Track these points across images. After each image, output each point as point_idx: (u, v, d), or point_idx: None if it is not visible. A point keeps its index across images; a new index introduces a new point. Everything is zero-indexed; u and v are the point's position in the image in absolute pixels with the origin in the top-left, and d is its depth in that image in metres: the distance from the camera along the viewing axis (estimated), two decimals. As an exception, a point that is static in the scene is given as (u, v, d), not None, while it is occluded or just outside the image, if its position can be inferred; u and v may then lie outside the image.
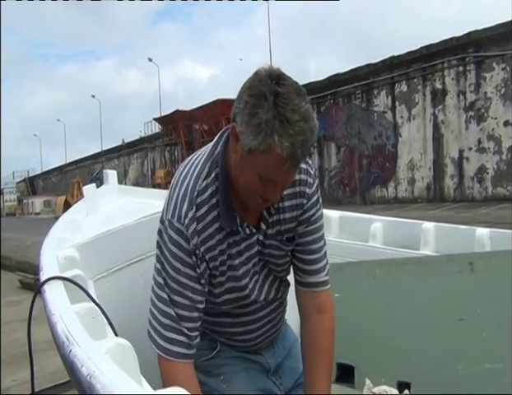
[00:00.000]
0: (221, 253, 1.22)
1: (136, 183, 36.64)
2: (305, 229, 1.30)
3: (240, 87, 1.09)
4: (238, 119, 1.07)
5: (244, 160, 1.09)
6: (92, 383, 0.82)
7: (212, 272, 1.23)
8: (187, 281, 1.19)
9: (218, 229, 1.20)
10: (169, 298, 1.20)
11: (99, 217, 2.42)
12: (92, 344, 0.98)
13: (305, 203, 1.28)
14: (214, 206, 1.19)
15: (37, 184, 66.12)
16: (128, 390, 0.77)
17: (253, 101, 1.03)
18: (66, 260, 1.61)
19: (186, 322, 1.20)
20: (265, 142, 1.02)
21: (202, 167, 1.21)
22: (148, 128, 39.95)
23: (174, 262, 1.18)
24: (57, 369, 2.89)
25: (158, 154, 36.80)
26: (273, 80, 1.04)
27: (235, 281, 1.26)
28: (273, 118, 1.01)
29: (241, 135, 1.06)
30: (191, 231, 1.16)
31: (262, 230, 1.25)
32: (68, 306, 1.21)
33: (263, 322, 1.37)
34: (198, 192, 1.18)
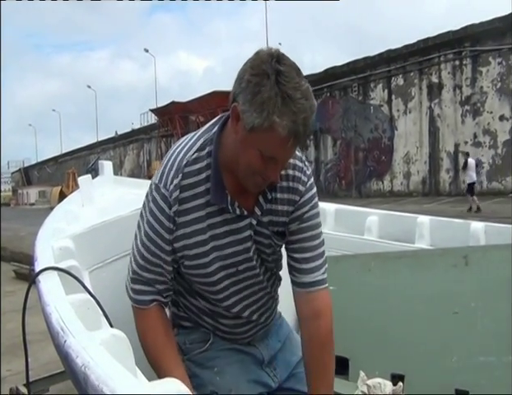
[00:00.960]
0: (203, 232, 1.22)
1: (132, 174, 36.55)
2: (298, 226, 1.29)
3: (240, 69, 1.10)
4: (240, 99, 1.08)
5: (245, 139, 1.10)
6: (87, 374, 0.81)
7: (193, 250, 1.23)
8: (160, 242, 1.22)
9: (204, 204, 1.20)
10: (142, 253, 1.25)
11: (94, 208, 2.41)
12: (87, 335, 0.98)
13: (298, 200, 1.27)
14: (203, 181, 1.19)
15: (32, 174, 65.87)
16: (122, 381, 0.77)
17: (256, 80, 1.04)
18: (61, 251, 1.60)
19: (155, 275, 1.26)
20: (268, 120, 1.04)
21: (195, 141, 1.23)
22: (144, 119, 39.82)
23: (153, 222, 1.22)
24: (52, 359, 2.89)
25: (154, 145, 36.69)
26: (274, 59, 1.06)
27: (223, 259, 1.25)
28: (276, 96, 1.03)
29: (243, 114, 1.07)
30: (173, 197, 1.18)
31: (256, 214, 1.24)
32: (63, 297, 1.21)
33: (255, 316, 1.37)
34: (188, 162, 1.19)
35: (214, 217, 1.21)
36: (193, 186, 1.19)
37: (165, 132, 33.91)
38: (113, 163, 3.08)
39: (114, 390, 0.73)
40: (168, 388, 0.79)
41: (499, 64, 16.71)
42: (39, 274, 1.35)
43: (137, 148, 40.04)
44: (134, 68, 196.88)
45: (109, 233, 1.93)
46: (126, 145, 41.60)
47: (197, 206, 1.20)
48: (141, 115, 40.52)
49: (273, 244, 1.30)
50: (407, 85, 19.60)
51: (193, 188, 1.19)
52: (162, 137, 34.71)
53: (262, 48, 1.10)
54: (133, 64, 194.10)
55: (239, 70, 1.11)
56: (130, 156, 41.20)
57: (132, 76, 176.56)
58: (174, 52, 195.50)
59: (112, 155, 42.42)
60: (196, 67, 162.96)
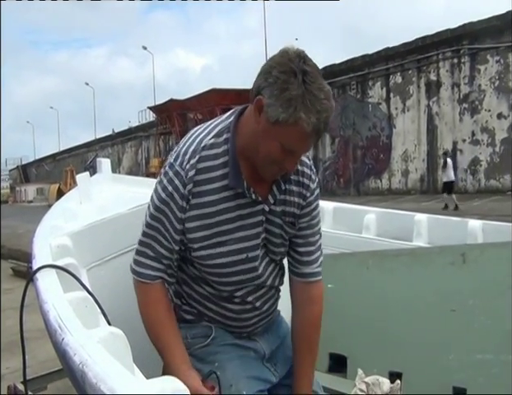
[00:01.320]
0: (219, 213, 1.26)
1: (130, 171, 36.49)
2: (308, 223, 1.38)
3: (264, 64, 1.18)
4: (265, 93, 1.15)
5: (267, 131, 1.17)
6: (84, 372, 0.81)
7: (202, 233, 1.26)
8: (172, 219, 1.25)
9: (220, 189, 1.25)
10: (152, 226, 1.28)
11: (92, 206, 2.41)
12: (85, 333, 0.98)
13: (308, 196, 1.36)
14: (220, 166, 1.25)
15: (30, 172, 65.74)
16: (120, 379, 0.77)
17: (284, 77, 1.12)
18: (59, 248, 1.60)
19: (163, 249, 1.28)
20: (294, 116, 1.12)
21: (213, 128, 1.29)
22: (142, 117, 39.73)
23: (167, 198, 1.25)
24: (49, 357, 2.89)
25: (152, 143, 36.64)
26: (302, 59, 1.14)
27: (234, 244, 1.29)
28: (302, 95, 1.11)
29: (268, 107, 1.15)
30: (189, 176, 1.23)
31: (269, 202, 1.30)
32: (61, 295, 1.20)
33: (258, 303, 1.39)
34: (205, 145, 1.25)
35: (229, 202, 1.26)
36: (209, 170, 1.24)
37: (164, 129, 33.86)
38: (111, 160, 3.08)
39: (112, 388, 0.73)
40: (165, 386, 0.79)
41: (497, 62, 16.72)
42: (37, 272, 1.35)
43: (135, 146, 39.98)
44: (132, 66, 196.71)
45: (107, 231, 1.92)
46: (124, 142, 41.54)
47: (212, 190, 1.24)
48: (140, 113, 40.46)
49: (283, 235, 1.35)
50: (406, 83, 19.60)
51: (209, 172, 1.24)
52: (160, 134, 34.66)
53: (288, 47, 1.18)
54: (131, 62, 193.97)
55: (263, 66, 1.18)
56: (128, 154, 41.14)
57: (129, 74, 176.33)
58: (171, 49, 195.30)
59: (110, 152, 42.35)
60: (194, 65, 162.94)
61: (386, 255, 2.17)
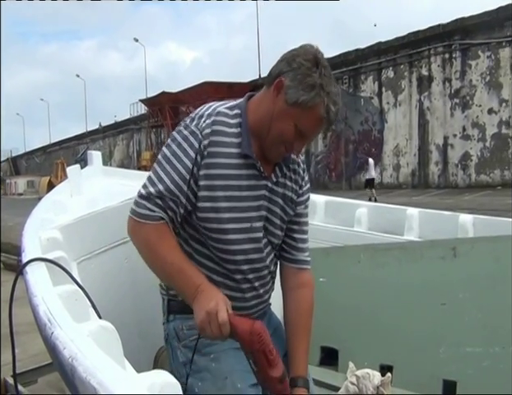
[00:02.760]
0: (229, 178, 1.30)
1: (121, 164, 36.29)
2: (303, 210, 1.47)
3: (286, 53, 1.29)
4: (287, 76, 1.25)
5: (283, 111, 1.26)
6: (74, 366, 0.80)
7: (211, 193, 1.29)
8: (183, 172, 1.27)
9: (233, 154, 1.30)
10: (161, 178, 1.28)
11: (83, 199, 2.39)
12: (75, 326, 0.97)
13: (303, 185, 1.46)
14: (232, 134, 1.31)
15: (20, 164, 65.17)
16: (110, 373, 0.76)
17: (308, 65, 1.24)
18: (48, 241, 1.58)
19: (171, 202, 1.27)
20: (313, 100, 1.23)
21: (225, 102, 1.38)
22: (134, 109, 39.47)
23: (180, 154, 1.28)
24: (40, 350, 2.86)
25: (144, 135, 36.44)
26: (322, 55, 1.28)
27: (239, 212, 1.32)
28: (323, 84, 1.23)
29: (288, 89, 1.24)
30: (204, 133, 1.28)
31: (272, 179, 1.37)
32: (51, 288, 1.19)
33: (257, 284, 1.40)
34: (219, 112, 1.33)
35: (239, 169, 1.31)
36: (222, 134, 1.30)
37: (155, 122, 33.66)
38: (102, 153, 3.06)
39: (102, 382, 0.72)
40: (156, 380, 0.78)
41: (488, 58, 16.80)
42: (27, 265, 1.33)
43: (126, 139, 39.75)
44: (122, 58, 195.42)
45: (97, 224, 1.91)
46: (115, 135, 41.28)
47: (224, 153, 1.30)
48: (131, 105, 40.19)
49: (283, 216, 1.41)
50: (397, 78, 19.64)
51: (223, 136, 1.30)
52: (152, 127, 34.47)
53: (309, 43, 1.30)
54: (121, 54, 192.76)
55: (284, 54, 1.29)
56: (120, 147, 40.91)
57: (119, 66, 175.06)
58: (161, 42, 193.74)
59: (101, 145, 42.08)
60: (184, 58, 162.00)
61: (377, 249, 2.18)
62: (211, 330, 1.16)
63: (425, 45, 18.57)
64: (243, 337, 1.17)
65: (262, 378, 1.19)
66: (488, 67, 16.79)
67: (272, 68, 1.30)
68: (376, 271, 2.10)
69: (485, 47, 16.79)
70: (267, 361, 1.16)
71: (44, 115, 66.68)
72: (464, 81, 17.48)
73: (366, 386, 1.77)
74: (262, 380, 1.20)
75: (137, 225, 1.28)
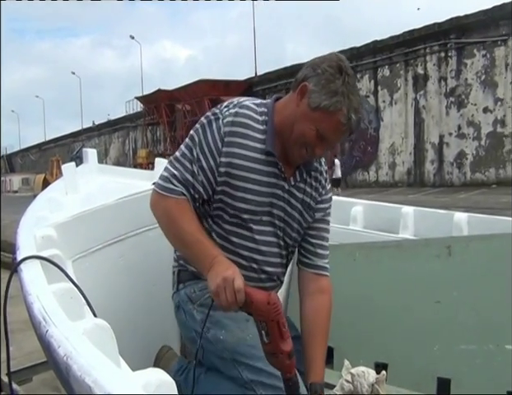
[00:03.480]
0: (249, 170, 1.34)
1: (117, 162, 36.19)
2: (322, 217, 1.49)
3: (312, 60, 1.35)
4: (311, 81, 1.30)
5: (306, 114, 1.30)
6: (69, 364, 0.80)
7: (230, 180, 1.34)
8: (208, 152, 1.34)
9: (255, 149, 1.34)
10: (184, 155, 1.36)
11: (78, 196, 2.38)
12: (69, 325, 0.96)
13: (323, 193, 1.49)
14: (256, 130, 1.35)
15: (15, 162, 64.83)
16: (105, 371, 0.76)
17: (332, 71, 1.28)
18: (43, 239, 1.58)
19: (194, 181, 1.34)
20: (335, 106, 1.27)
21: (253, 99, 1.43)
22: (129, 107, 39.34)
23: (201, 134, 1.35)
24: (35, 348, 2.85)
25: (140, 133, 36.34)
26: (346, 64, 1.31)
27: (255, 205, 1.36)
28: (345, 91, 1.27)
29: (312, 93, 1.29)
30: (226, 121, 1.34)
31: (290, 182, 1.40)
32: (45, 286, 1.19)
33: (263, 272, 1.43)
34: (244, 105, 1.37)
35: (261, 164, 1.35)
36: (246, 126, 1.35)
37: (151, 120, 33.57)
38: (98, 151, 3.05)
39: (97, 380, 0.72)
40: (152, 378, 0.78)
41: (483, 57, 16.84)
42: (21, 263, 1.33)
43: (122, 136, 39.62)
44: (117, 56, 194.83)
45: (92, 221, 1.91)
46: (111, 133, 41.14)
47: (248, 146, 1.34)
48: (127, 103, 40.04)
49: (301, 221, 1.44)
50: (393, 77, 19.66)
51: (246, 128, 1.35)
52: (148, 125, 34.37)
53: (335, 52, 1.36)
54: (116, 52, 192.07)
55: (310, 61, 1.35)
56: (115, 144, 40.77)
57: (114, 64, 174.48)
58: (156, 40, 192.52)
59: (97, 142, 41.92)
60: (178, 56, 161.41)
61: (373, 247, 2.18)
62: (226, 296, 1.19)
63: (421, 44, 18.59)
64: (259, 306, 1.18)
65: (272, 351, 1.20)
66: (483, 66, 16.83)
67: (298, 74, 1.35)
68: (371, 269, 2.11)
69: (480, 46, 16.83)
70: (279, 333, 1.18)
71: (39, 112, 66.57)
72: (460, 80, 17.52)
73: (361, 384, 1.77)
74: (272, 353, 1.21)
75: (160, 197, 1.35)
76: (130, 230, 2.03)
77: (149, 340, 1.88)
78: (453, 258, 1.98)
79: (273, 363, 1.23)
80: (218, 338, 1.35)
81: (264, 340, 1.20)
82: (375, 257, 2.12)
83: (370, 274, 2.10)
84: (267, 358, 1.23)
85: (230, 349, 1.34)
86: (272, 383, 1.29)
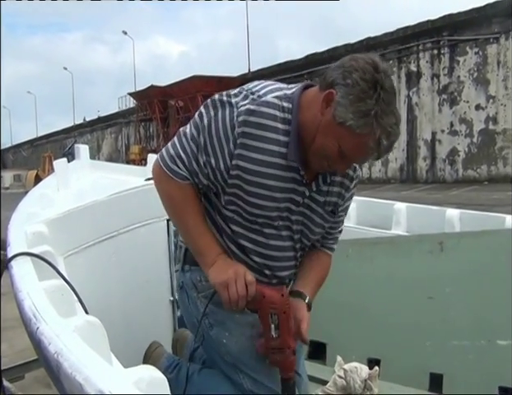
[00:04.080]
0: (263, 176, 1.20)
1: (110, 158, 35.98)
2: (340, 214, 1.39)
3: (346, 61, 1.15)
4: (340, 90, 1.12)
5: (330, 127, 1.14)
6: (60, 362, 0.79)
7: (243, 184, 1.22)
8: (218, 151, 1.20)
9: (274, 152, 1.19)
10: (192, 137, 1.23)
11: (70, 192, 2.37)
12: (60, 322, 0.95)
13: (351, 188, 1.36)
14: (279, 131, 1.19)
15: (7, 158, 64.29)
16: (96, 368, 0.75)
17: (364, 86, 1.09)
18: (34, 236, 1.56)
19: (198, 170, 1.23)
20: (362, 128, 1.10)
21: (277, 88, 1.23)
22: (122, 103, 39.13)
23: (212, 123, 1.21)
24: (27, 346, 2.83)
25: (132, 129, 36.17)
26: (386, 76, 1.12)
27: (269, 211, 1.25)
28: (376, 113, 1.09)
29: (338, 105, 1.11)
30: (240, 120, 1.17)
31: (311, 188, 1.27)
32: (36, 283, 1.18)
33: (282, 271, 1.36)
34: (264, 102, 1.19)
35: (280, 170, 1.21)
36: (264, 128, 1.18)
37: (144, 116, 33.41)
38: (90, 147, 3.03)
39: (88, 378, 0.71)
40: (144, 375, 0.77)
41: (475, 54, 16.89)
42: (12, 259, 1.32)
43: (115, 132, 39.41)
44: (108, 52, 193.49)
45: (84, 218, 1.89)
46: (104, 129, 40.92)
47: (265, 150, 1.19)
48: (120, 99, 39.83)
49: (324, 224, 1.34)
50: (387, 73, 19.70)
51: (263, 130, 1.18)
52: (141, 121, 34.20)
53: (376, 56, 1.16)
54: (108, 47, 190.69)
55: (343, 60, 1.16)
56: (108, 140, 40.55)
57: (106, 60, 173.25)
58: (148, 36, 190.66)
59: (89, 138, 41.67)
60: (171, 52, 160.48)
61: (365, 243, 2.19)
62: (237, 288, 1.18)
63: (414, 41, 18.61)
64: (272, 299, 1.20)
65: (279, 346, 1.21)
66: (476, 64, 16.89)
67: (328, 71, 1.17)
68: (364, 265, 2.11)
69: (472, 43, 16.88)
70: (288, 327, 1.20)
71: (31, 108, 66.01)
72: (452, 77, 17.57)
73: (354, 379, 1.78)
74: (279, 348, 1.21)
75: (164, 175, 1.26)
76: (122, 226, 2.02)
77: (142, 337, 1.87)
78: (446, 254, 1.99)
79: (277, 360, 1.24)
80: (221, 341, 1.33)
81: (272, 334, 1.21)
82: (368, 254, 2.12)
83: (363, 270, 2.10)
84: (272, 357, 1.24)
85: (233, 355, 1.32)
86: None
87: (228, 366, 1.34)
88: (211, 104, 1.23)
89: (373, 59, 1.13)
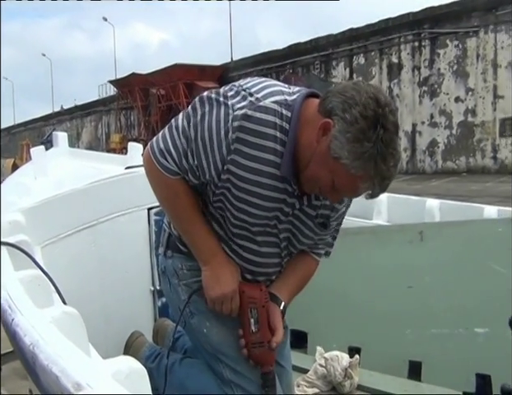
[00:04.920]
0: (255, 184, 1.16)
1: (89, 147, 35.44)
2: (336, 227, 1.37)
3: (348, 89, 1.07)
4: (337, 123, 1.06)
5: (325, 158, 1.09)
6: (35, 353, 0.77)
7: (233, 191, 1.18)
8: (210, 154, 1.15)
9: (267, 160, 1.14)
10: (184, 131, 1.18)
11: (47, 181, 2.32)
12: (36, 312, 0.93)
13: (340, 209, 1.31)
14: (276, 139, 1.13)
15: (-18, 146, 62.89)
16: (73, 359, 0.73)
17: (363, 125, 1.03)
18: (11, 225, 1.53)
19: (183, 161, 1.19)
20: (357, 170, 1.05)
21: (277, 94, 1.15)
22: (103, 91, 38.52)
23: (207, 128, 1.15)
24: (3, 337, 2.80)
25: (113, 117, 35.69)
26: (389, 112, 1.05)
27: (258, 219, 1.21)
28: (374, 156, 1.04)
29: (335, 139, 1.06)
30: (235, 125, 1.11)
31: (302, 201, 1.23)
32: (12, 273, 1.15)
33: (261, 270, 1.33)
34: (262, 107, 1.12)
35: (271, 179, 1.16)
36: (261, 136, 1.12)
37: (125, 104, 32.96)
38: (69, 135, 2.97)
39: (64, 370, 0.69)
40: (122, 366, 0.76)
41: (455, 47, 17.07)
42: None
43: (95, 120, 38.81)
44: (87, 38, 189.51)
45: (63, 207, 1.86)
46: (83, 117, 40.28)
47: (258, 158, 1.14)
48: (100, 87, 39.18)
49: (313, 236, 1.31)
50: (368, 65, 19.77)
51: (261, 138, 1.12)
52: (121, 109, 33.75)
53: (380, 89, 1.10)
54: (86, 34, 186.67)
55: (344, 87, 1.08)
56: (88, 129, 39.94)
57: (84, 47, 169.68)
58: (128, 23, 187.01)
59: (69, 126, 40.98)
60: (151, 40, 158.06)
61: (347, 233, 2.18)
62: (222, 308, 1.25)
63: (396, 33, 18.71)
64: (251, 294, 1.24)
65: (258, 340, 1.24)
66: (456, 56, 17.07)
67: (329, 94, 1.10)
68: (345, 254, 2.11)
69: (453, 36, 17.04)
70: (268, 321, 1.25)
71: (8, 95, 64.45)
72: (433, 70, 17.74)
73: (335, 367, 1.79)
74: (259, 342, 1.24)
75: (155, 169, 1.21)
76: (102, 215, 1.99)
77: (122, 327, 1.85)
78: (426, 244, 2.01)
79: (257, 355, 1.25)
80: (201, 331, 1.33)
81: (252, 329, 1.24)
82: (349, 243, 2.13)
83: (344, 260, 2.11)
84: (251, 351, 1.25)
85: (213, 346, 1.32)
86: (251, 390, 1.28)
87: (208, 355, 1.34)
88: (207, 102, 1.17)
89: (376, 94, 1.06)
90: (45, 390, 0.73)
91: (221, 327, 1.32)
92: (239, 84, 1.18)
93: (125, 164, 2.38)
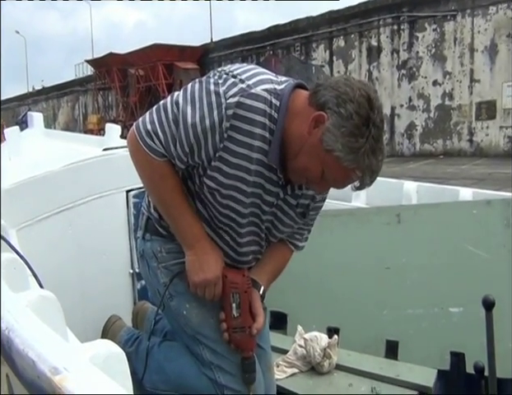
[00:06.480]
0: (243, 170, 1.18)
1: (66, 128, 34.72)
2: (313, 216, 1.41)
3: (342, 84, 1.11)
4: (331, 117, 1.09)
5: (316, 150, 1.13)
6: (11, 338, 0.76)
7: (221, 178, 1.19)
8: (203, 144, 1.16)
9: (260, 149, 1.17)
10: (174, 116, 1.17)
11: (22, 162, 2.27)
12: (12, 296, 0.91)
13: (318, 199, 1.37)
14: (265, 127, 1.15)
15: (-47, 127, 61.04)
16: (50, 344, 0.72)
17: (358, 121, 1.08)
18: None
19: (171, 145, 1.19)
20: (350, 163, 1.10)
21: (267, 82, 1.17)
22: (79, 71, 37.63)
23: (197, 107, 1.15)
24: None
25: (90, 98, 34.97)
26: (379, 113, 1.11)
27: (241, 205, 1.23)
28: (366, 151, 1.09)
29: (328, 132, 1.10)
30: (228, 113, 1.13)
31: (286, 190, 1.27)
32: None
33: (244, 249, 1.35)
34: (253, 95, 1.14)
35: (259, 165, 1.19)
36: (251, 123, 1.14)
37: (102, 84, 32.30)
38: (45, 116, 2.90)
39: (41, 354, 0.68)
40: (100, 350, 0.75)
41: (434, 30, 17.15)
42: (-41, 232, 1.25)
43: (71, 101, 37.96)
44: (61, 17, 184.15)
45: (38, 188, 1.82)
46: (60, 97, 39.36)
47: (247, 144, 1.16)
48: (76, 66, 38.26)
49: (293, 225, 1.35)
50: (348, 47, 19.74)
51: (249, 124, 1.14)
52: (99, 89, 33.06)
53: (371, 86, 1.15)
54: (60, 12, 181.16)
55: (338, 82, 1.12)
56: (64, 109, 39.08)
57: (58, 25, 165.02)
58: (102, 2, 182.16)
59: (44, 107, 40.03)
60: (127, 19, 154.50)
61: (326, 215, 2.20)
62: (204, 293, 1.27)
63: (375, 16, 18.69)
64: (234, 279, 1.26)
65: (239, 325, 1.25)
66: (434, 40, 17.16)
67: (320, 88, 1.13)
68: (324, 236, 2.13)
69: (431, 20, 17.10)
70: (249, 306, 1.26)
71: (-21, 74, 61.46)
72: (411, 53, 17.82)
73: (314, 348, 1.82)
74: (240, 327, 1.25)
75: (140, 150, 1.20)
76: (79, 197, 1.96)
77: (100, 311, 1.84)
78: (403, 226, 2.03)
79: (237, 340, 1.26)
80: (181, 312, 1.33)
81: (234, 314, 1.25)
82: (328, 225, 2.14)
83: (323, 241, 2.12)
84: (232, 335, 1.26)
85: (193, 327, 1.33)
86: (231, 371, 1.30)
87: (188, 337, 1.34)
88: (197, 89, 1.16)
89: (367, 92, 1.10)
90: (22, 375, 0.72)
91: (201, 308, 1.32)
92: (228, 69, 1.19)
93: (103, 145, 2.34)
